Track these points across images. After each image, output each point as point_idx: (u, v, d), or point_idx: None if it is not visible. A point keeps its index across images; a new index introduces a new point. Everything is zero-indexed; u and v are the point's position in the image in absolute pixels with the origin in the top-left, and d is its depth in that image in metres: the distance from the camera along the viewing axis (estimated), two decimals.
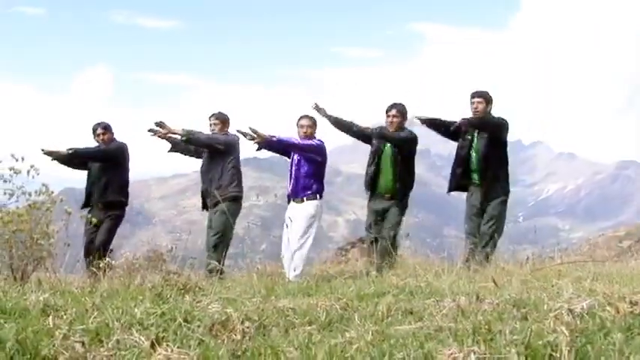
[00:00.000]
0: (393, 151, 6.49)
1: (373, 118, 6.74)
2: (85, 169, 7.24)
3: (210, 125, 6.89)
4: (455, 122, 6.48)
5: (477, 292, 3.82)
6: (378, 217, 6.56)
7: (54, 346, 2.57)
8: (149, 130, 6.68)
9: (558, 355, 2.38)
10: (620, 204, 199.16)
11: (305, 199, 6.27)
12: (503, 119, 6.55)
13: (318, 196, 6.34)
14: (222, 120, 6.92)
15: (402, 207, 6.55)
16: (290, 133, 6.46)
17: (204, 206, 6.97)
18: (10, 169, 5.48)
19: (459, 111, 7.46)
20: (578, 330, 2.70)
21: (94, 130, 7.12)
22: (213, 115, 6.93)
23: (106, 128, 7.13)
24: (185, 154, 7.14)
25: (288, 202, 6.43)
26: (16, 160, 5.47)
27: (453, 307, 3.35)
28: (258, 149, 6.30)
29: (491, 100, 6.48)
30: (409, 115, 6.55)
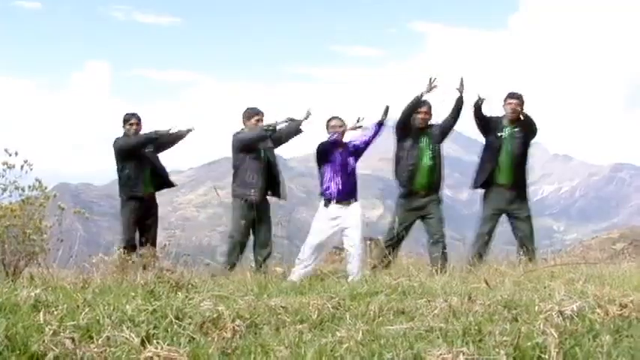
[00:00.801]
0: (432, 144, 6.34)
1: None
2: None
3: (258, 122, 6.61)
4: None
5: (470, 292, 3.83)
6: (414, 216, 6.35)
7: (44, 342, 2.56)
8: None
9: (547, 357, 2.39)
10: (614, 206, 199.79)
11: (353, 200, 6.07)
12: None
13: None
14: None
15: (440, 201, 6.41)
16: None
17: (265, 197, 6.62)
18: (4, 164, 5.44)
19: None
20: (568, 332, 2.71)
21: (127, 120, 6.98)
22: (258, 112, 6.67)
23: (140, 119, 7.11)
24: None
25: (327, 204, 6.03)
26: (10, 155, 5.43)
27: (444, 307, 3.36)
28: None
29: (524, 103, 6.43)
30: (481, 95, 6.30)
